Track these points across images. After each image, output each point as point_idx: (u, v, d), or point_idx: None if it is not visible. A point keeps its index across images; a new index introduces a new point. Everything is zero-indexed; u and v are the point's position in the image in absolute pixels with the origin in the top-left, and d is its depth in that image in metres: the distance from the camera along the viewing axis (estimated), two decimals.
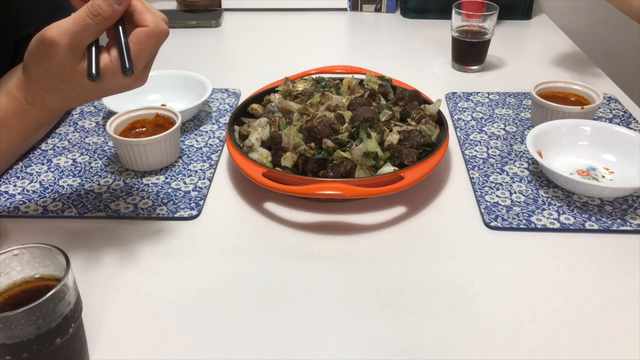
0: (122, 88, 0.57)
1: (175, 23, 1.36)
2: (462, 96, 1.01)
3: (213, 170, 0.81)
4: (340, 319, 0.58)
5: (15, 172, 0.80)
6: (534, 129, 0.80)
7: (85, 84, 0.55)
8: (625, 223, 0.69)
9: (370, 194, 0.68)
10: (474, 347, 0.55)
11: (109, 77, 0.55)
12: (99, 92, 0.58)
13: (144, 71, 0.58)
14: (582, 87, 0.91)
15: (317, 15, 1.45)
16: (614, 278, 0.62)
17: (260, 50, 1.24)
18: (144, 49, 0.55)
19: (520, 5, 1.38)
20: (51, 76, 0.55)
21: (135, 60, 0.55)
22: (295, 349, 0.55)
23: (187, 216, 0.72)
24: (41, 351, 0.45)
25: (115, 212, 0.72)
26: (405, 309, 0.59)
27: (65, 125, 0.92)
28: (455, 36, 1.10)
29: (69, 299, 0.46)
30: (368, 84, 0.91)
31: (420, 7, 1.39)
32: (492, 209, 0.72)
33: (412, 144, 0.75)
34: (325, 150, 0.74)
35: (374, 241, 0.69)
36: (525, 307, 0.59)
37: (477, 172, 0.80)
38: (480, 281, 0.62)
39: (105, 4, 0.53)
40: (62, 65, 0.54)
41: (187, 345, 0.55)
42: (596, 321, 0.57)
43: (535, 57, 1.18)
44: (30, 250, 0.48)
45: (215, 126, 0.92)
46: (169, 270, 0.64)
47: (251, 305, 0.59)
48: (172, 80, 0.99)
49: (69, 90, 0.56)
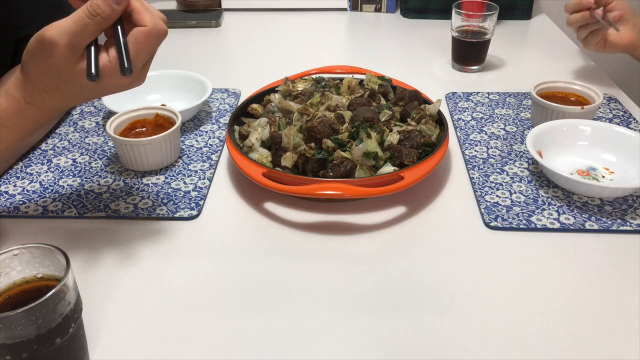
0: (121, 87, 0.57)
1: (175, 23, 1.36)
2: (462, 96, 1.01)
3: (213, 170, 0.81)
4: (340, 319, 0.58)
5: (15, 172, 0.80)
6: (534, 129, 0.80)
7: (84, 83, 0.55)
8: (625, 223, 0.69)
9: (370, 194, 0.68)
10: (474, 347, 0.54)
11: (108, 77, 0.55)
12: (97, 92, 0.58)
13: (143, 71, 0.58)
14: (582, 87, 0.91)
15: (317, 15, 1.45)
16: (614, 278, 0.62)
17: (260, 50, 1.24)
18: (142, 48, 0.55)
19: (520, 5, 1.38)
20: (50, 76, 0.55)
21: (134, 59, 0.55)
22: (295, 349, 0.55)
23: (187, 216, 0.72)
24: (41, 351, 0.45)
25: (115, 212, 0.72)
26: (405, 309, 0.59)
27: (65, 125, 0.92)
28: (455, 36, 1.10)
29: (69, 299, 0.46)
30: (368, 84, 0.91)
31: (420, 7, 1.39)
32: (492, 209, 0.72)
33: (412, 144, 0.75)
34: (325, 150, 0.74)
35: (374, 241, 0.69)
36: (525, 307, 0.59)
37: (477, 172, 0.80)
38: (480, 281, 0.62)
39: (104, 4, 0.53)
40: (61, 65, 0.54)
41: (187, 345, 0.55)
42: (596, 321, 0.57)
43: (535, 57, 1.18)
44: (30, 250, 0.48)
45: (215, 126, 0.92)
46: (169, 270, 0.64)
47: (251, 305, 0.59)
48: (172, 80, 0.99)
49: (67, 90, 0.56)
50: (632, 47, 1.01)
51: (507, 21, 1.37)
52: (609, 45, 1.00)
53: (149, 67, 0.59)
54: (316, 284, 0.62)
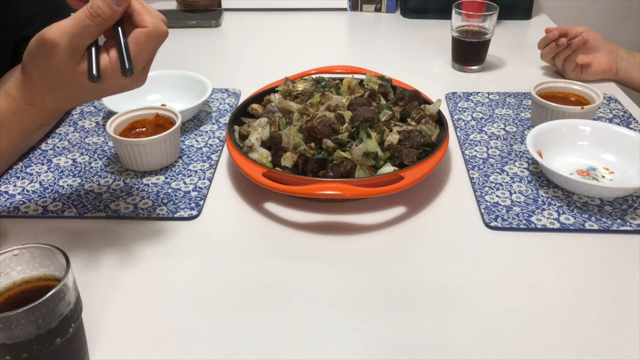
0: (121, 88, 0.57)
1: (175, 23, 1.37)
2: (462, 96, 1.01)
3: (213, 170, 0.81)
4: (340, 319, 0.58)
5: (15, 172, 0.80)
6: (534, 129, 0.80)
7: (85, 84, 0.55)
8: (625, 223, 0.69)
9: (370, 194, 0.68)
10: (474, 347, 0.55)
11: (108, 78, 0.55)
12: (98, 93, 0.58)
13: (143, 72, 0.58)
14: (582, 87, 0.91)
15: (317, 15, 1.45)
16: (614, 278, 0.62)
17: (260, 50, 1.24)
18: (143, 49, 0.55)
19: (520, 5, 1.38)
20: (51, 77, 0.55)
21: (135, 60, 0.55)
22: (295, 349, 0.55)
23: (187, 216, 0.72)
24: (41, 351, 0.45)
25: (115, 212, 0.72)
26: (405, 309, 0.59)
27: (65, 125, 0.92)
28: (455, 36, 1.10)
29: (69, 299, 0.46)
30: (368, 84, 0.91)
31: (420, 7, 1.39)
32: (492, 209, 0.72)
33: (412, 144, 0.75)
34: (325, 150, 0.74)
35: (374, 241, 0.69)
36: (525, 307, 0.59)
37: (477, 172, 0.80)
38: (480, 281, 0.62)
39: (104, 5, 0.53)
40: (62, 67, 0.54)
41: (187, 345, 0.55)
42: (596, 321, 0.57)
43: (535, 57, 1.18)
44: (30, 250, 0.48)
45: (215, 126, 0.92)
46: (169, 270, 0.64)
47: (251, 305, 0.59)
48: (172, 80, 0.99)
49: (68, 91, 0.56)
50: (610, 72, 1.05)
51: (507, 21, 1.37)
52: (585, 72, 1.05)
53: (149, 68, 0.59)
54: (316, 284, 0.62)
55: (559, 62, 1.06)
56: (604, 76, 1.05)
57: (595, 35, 1.04)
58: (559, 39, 1.02)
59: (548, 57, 1.07)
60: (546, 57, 1.08)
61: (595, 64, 1.04)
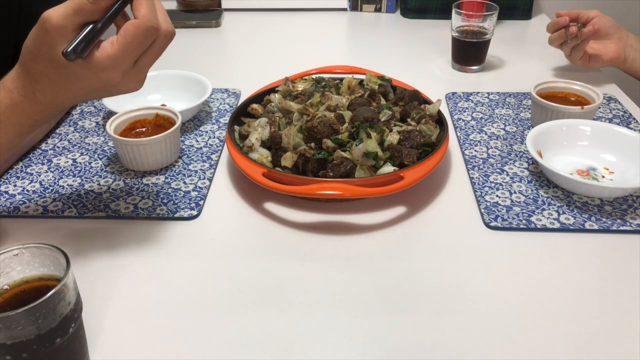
0: (112, 87, 0.55)
1: (175, 23, 1.35)
2: (462, 96, 1.01)
3: (213, 170, 0.81)
4: (340, 319, 0.58)
5: (15, 172, 0.80)
6: (534, 129, 0.80)
7: (72, 72, 0.53)
8: (625, 223, 0.69)
9: (370, 194, 0.68)
10: (474, 347, 0.55)
11: (92, 66, 0.52)
12: (87, 89, 0.55)
13: (141, 73, 0.56)
14: (582, 87, 0.91)
15: (317, 15, 1.45)
16: (614, 278, 0.62)
17: (260, 50, 1.24)
18: (130, 42, 0.53)
19: (520, 5, 1.38)
20: (41, 60, 0.53)
21: (120, 53, 0.53)
22: (295, 349, 0.55)
23: (187, 216, 0.72)
24: (41, 351, 0.45)
25: (115, 212, 0.72)
26: (405, 309, 0.59)
27: (65, 125, 0.92)
28: (455, 36, 1.10)
29: (69, 299, 0.46)
30: (368, 84, 0.91)
31: (420, 7, 1.39)
32: (492, 209, 0.72)
33: (412, 144, 0.75)
34: (325, 150, 0.74)
35: (374, 241, 0.69)
36: (525, 307, 0.59)
37: (477, 172, 0.80)
38: (480, 281, 0.62)
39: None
40: (53, 45, 0.52)
41: (187, 345, 0.55)
42: (596, 321, 0.57)
43: (535, 57, 1.18)
44: (30, 250, 0.48)
45: (215, 126, 0.92)
46: (169, 270, 0.64)
47: (251, 305, 0.59)
48: (172, 80, 0.99)
49: (55, 78, 0.54)
50: (618, 61, 1.03)
51: (507, 21, 1.37)
52: (593, 60, 1.04)
53: (146, 70, 0.57)
54: (316, 284, 0.62)
55: (567, 49, 1.03)
56: (611, 65, 1.04)
57: (606, 21, 1.01)
58: (569, 26, 1.00)
59: (556, 43, 1.04)
60: (554, 42, 1.04)
61: (603, 52, 1.03)
